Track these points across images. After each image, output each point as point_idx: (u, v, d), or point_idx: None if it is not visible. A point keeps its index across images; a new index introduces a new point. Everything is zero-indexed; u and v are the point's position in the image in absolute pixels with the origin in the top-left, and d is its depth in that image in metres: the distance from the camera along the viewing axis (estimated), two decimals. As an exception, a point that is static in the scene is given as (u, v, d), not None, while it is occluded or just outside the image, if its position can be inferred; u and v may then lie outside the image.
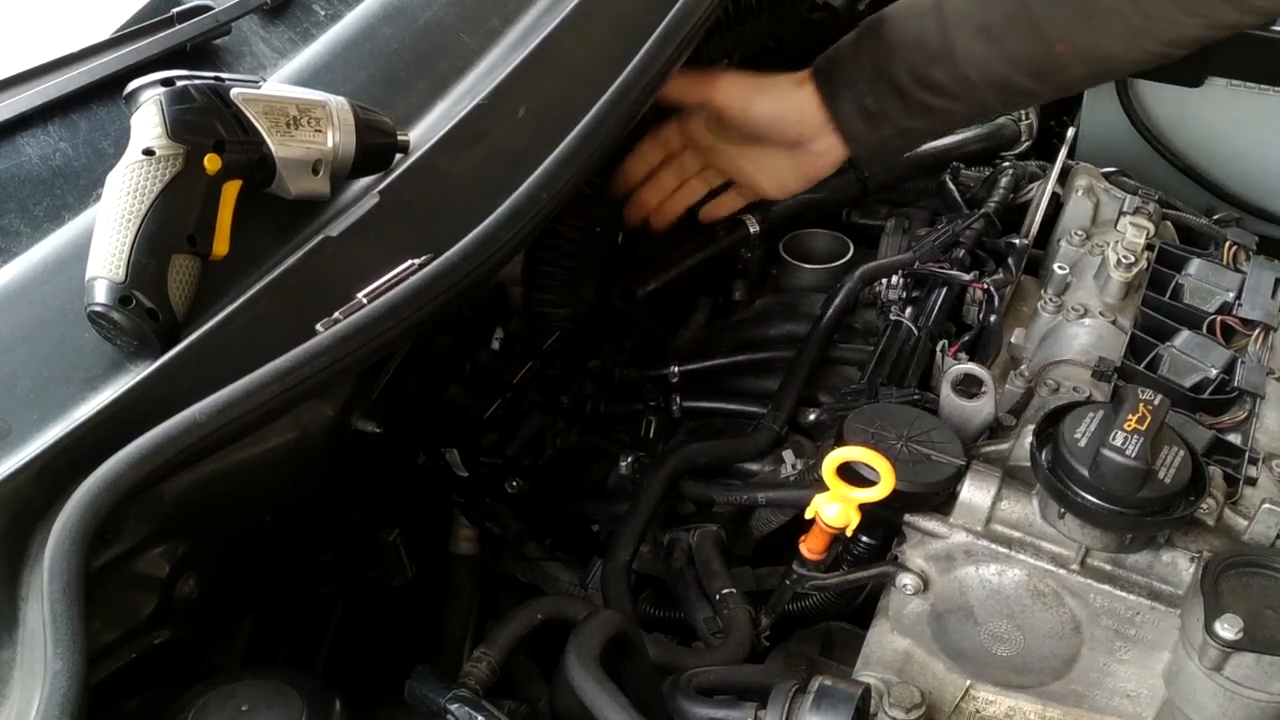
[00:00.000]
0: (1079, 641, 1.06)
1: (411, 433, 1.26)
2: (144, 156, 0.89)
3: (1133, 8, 1.20)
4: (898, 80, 1.29)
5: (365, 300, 0.90)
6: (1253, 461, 1.18)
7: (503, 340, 1.31)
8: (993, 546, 1.07)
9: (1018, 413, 1.21)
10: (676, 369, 1.37)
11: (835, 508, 1.02)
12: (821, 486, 1.02)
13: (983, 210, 1.49)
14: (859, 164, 1.48)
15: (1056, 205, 1.52)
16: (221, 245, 0.92)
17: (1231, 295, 1.38)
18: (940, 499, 1.09)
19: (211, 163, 0.91)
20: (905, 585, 1.08)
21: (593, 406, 1.38)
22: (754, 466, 1.27)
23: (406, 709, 0.92)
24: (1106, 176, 1.59)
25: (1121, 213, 1.46)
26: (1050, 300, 1.38)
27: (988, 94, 1.29)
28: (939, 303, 1.38)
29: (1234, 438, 1.22)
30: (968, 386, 1.16)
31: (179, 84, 0.93)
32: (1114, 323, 1.35)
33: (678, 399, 1.37)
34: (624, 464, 1.31)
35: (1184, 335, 1.32)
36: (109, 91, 1.03)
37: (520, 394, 1.31)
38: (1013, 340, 1.34)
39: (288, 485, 1.02)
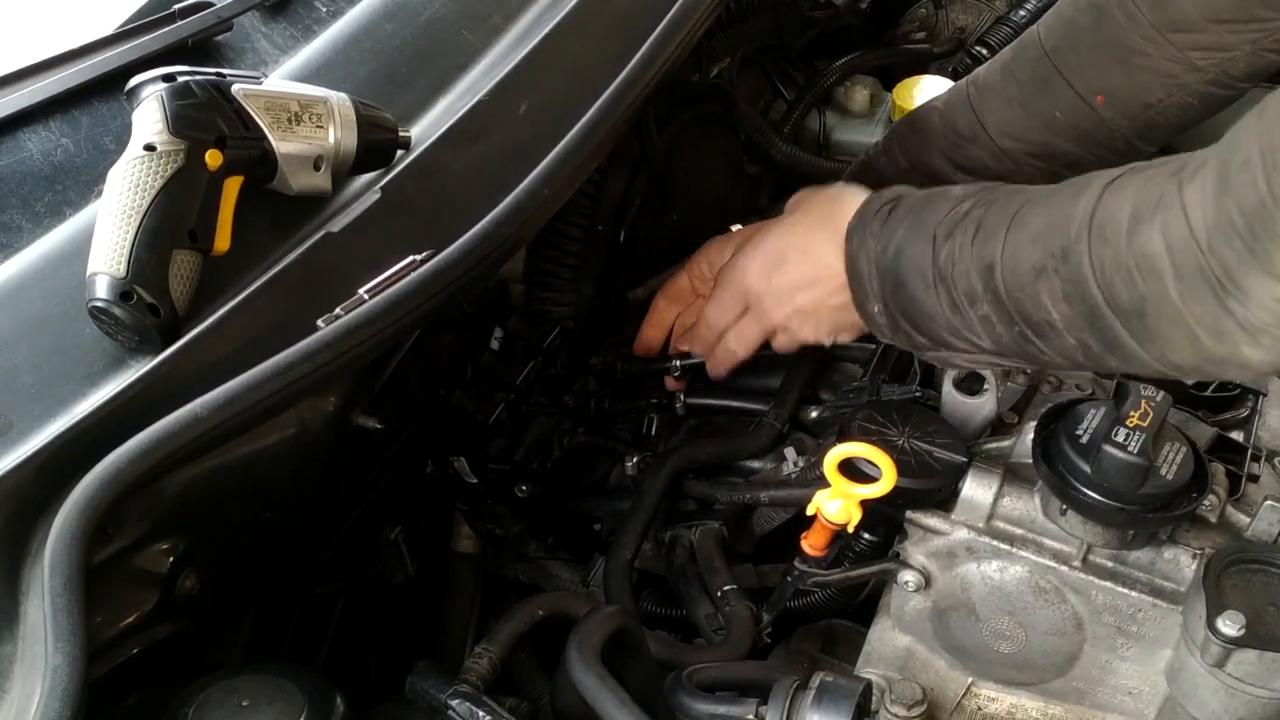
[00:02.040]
0: (1081, 638, 1.06)
1: (416, 437, 1.26)
2: (145, 152, 0.90)
3: (1164, 39, 1.12)
4: (933, 167, 1.23)
5: (366, 296, 0.90)
6: (1255, 458, 1.18)
7: (502, 340, 1.31)
8: (994, 543, 1.07)
9: (1019, 410, 1.20)
10: (679, 362, 1.37)
11: (837, 504, 1.02)
12: (823, 483, 1.02)
13: None
14: None
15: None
16: (223, 241, 0.92)
17: (1234, 293, 1.38)
18: (942, 496, 1.09)
19: (213, 158, 0.91)
20: (907, 582, 1.08)
21: (597, 404, 1.38)
22: (756, 464, 1.27)
23: (408, 704, 0.92)
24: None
25: (1124, 210, 1.46)
26: (1052, 298, 1.38)
27: (1028, 167, 1.20)
28: (941, 300, 1.38)
29: (1236, 435, 1.22)
30: (970, 384, 1.16)
31: (180, 80, 0.93)
32: (1116, 320, 1.35)
33: (681, 395, 1.36)
34: (630, 464, 1.31)
35: (1186, 333, 1.32)
36: (111, 87, 1.04)
37: (523, 395, 1.30)
38: (1015, 338, 1.34)
39: (289, 481, 1.02)
